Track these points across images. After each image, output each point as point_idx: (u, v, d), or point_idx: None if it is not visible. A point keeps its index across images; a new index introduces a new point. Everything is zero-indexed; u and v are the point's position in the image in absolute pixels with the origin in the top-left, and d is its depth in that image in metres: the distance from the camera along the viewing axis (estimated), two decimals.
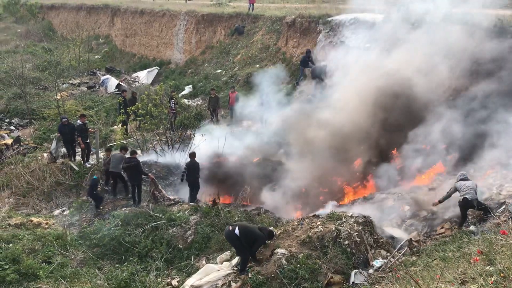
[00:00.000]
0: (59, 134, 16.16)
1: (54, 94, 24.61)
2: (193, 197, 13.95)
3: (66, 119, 16.11)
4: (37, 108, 23.80)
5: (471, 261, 6.13)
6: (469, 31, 15.27)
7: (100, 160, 16.22)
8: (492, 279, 5.15)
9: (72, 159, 16.19)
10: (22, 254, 10.73)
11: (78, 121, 16.29)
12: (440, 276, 5.77)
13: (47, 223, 12.99)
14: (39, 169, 15.61)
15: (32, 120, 22.93)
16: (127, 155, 14.19)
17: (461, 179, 10.09)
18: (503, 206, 9.64)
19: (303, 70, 21.44)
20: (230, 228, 9.52)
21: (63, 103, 23.20)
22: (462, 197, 9.75)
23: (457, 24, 15.70)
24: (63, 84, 27.85)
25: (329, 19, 22.06)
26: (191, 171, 13.86)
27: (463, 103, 14.10)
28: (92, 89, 28.64)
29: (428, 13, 16.52)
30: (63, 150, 16.66)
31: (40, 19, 52.09)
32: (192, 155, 14.05)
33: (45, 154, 17.38)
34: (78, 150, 16.47)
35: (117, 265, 11.00)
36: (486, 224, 9.20)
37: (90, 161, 16.35)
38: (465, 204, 9.74)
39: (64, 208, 14.30)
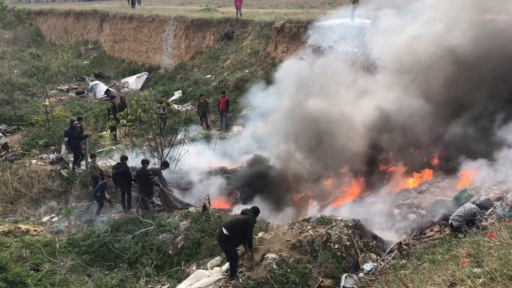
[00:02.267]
0: (66, 139, 15.89)
1: (42, 100, 24.43)
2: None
3: (77, 122, 16.04)
4: (25, 114, 23.59)
5: (460, 263, 6.18)
6: None
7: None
8: (480, 280, 5.19)
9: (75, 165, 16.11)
10: (10, 262, 10.62)
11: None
12: (429, 279, 5.81)
13: (35, 230, 12.87)
14: (27, 176, 15.48)
15: (20, 127, 22.71)
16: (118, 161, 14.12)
17: (471, 202, 9.73)
18: (491, 209, 9.71)
19: None
20: (219, 230, 9.51)
21: (51, 109, 23.07)
22: (450, 222, 9.61)
23: None
24: (52, 90, 27.64)
25: (318, 24, 22.18)
26: (145, 181, 13.32)
27: None
28: (81, 95, 28.47)
29: None
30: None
31: (28, 25, 51.70)
32: (146, 162, 13.72)
33: (33, 161, 17.19)
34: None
35: (106, 272, 10.94)
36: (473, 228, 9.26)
37: (81, 167, 16.20)
38: (451, 229, 9.60)
39: (52, 215, 14.18)
